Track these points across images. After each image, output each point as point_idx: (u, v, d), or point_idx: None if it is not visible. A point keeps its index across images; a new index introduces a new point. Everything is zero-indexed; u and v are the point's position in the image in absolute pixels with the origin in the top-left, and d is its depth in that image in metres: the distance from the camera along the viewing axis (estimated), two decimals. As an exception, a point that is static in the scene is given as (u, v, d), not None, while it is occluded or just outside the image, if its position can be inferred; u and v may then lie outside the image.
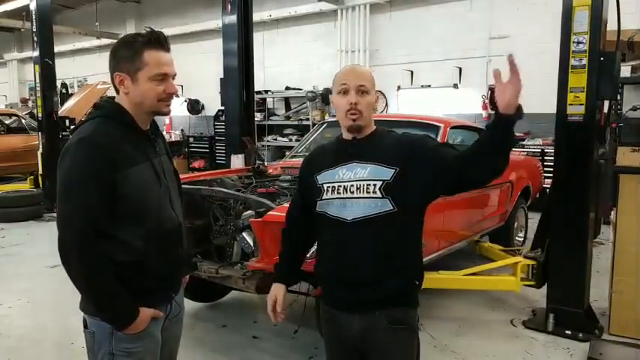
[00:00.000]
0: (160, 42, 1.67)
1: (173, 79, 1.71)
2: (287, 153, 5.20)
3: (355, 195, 1.77)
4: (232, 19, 5.67)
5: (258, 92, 10.03)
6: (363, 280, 1.79)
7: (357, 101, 1.77)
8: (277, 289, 2.00)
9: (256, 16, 6.40)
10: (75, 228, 1.58)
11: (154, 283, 1.73)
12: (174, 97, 1.75)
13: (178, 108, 12.55)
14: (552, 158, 4.19)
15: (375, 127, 1.90)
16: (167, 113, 1.75)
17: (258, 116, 10.32)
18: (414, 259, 1.87)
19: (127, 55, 1.65)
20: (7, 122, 10.26)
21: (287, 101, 11.29)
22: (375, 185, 1.75)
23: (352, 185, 1.78)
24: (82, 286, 1.64)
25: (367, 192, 1.76)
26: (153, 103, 1.69)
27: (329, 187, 1.82)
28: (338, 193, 1.80)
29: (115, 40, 1.76)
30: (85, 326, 1.74)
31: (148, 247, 1.68)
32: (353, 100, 1.77)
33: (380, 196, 1.75)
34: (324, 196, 1.83)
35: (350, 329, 1.84)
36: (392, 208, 1.75)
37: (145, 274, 1.69)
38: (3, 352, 3.48)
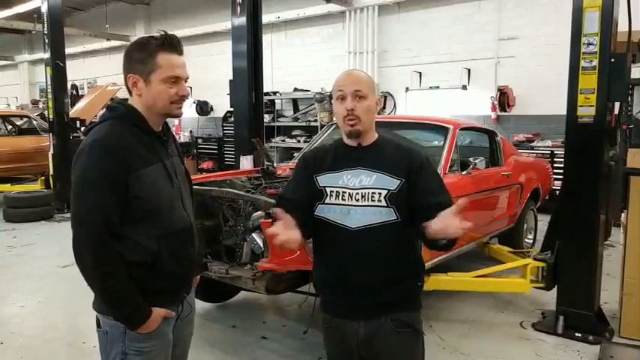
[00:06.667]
0: (173, 45, 1.69)
1: (185, 81, 1.73)
2: (295, 154, 5.22)
3: (360, 203, 1.77)
4: (241, 21, 5.69)
5: (267, 94, 10.04)
6: (366, 287, 1.80)
7: (353, 107, 1.76)
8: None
9: (264, 18, 6.41)
10: (89, 228, 1.60)
11: (166, 283, 1.75)
12: (186, 100, 1.77)
13: (187, 109, 12.61)
14: (562, 160, 4.17)
15: (377, 134, 1.89)
16: (179, 115, 1.77)
17: (266, 118, 10.34)
18: (415, 264, 1.91)
19: (140, 58, 1.67)
20: (18, 123, 10.34)
21: (295, 103, 11.31)
22: (380, 194, 1.76)
23: (357, 193, 1.78)
24: (95, 286, 1.66)
25: (372, 200, 1.76)
26: (165, 105, 1.71)
27: (332, 191, 1.81)
28: (342, 199, 1.79)
29: (125, 42, 1.79)
30: (98, 325, 1.76)
31: (160, 247, 1.69)
32: (349, 106, 1.77)
33: (385, 205, 1.76)
34: (327, 201, 1.81)
35: (355, 336, 1.84)
36: (395, 217, 1.76)
37: (157, 274, 1.70)
38: (15, 351, 3.51)
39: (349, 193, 1.79)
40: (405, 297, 1.86)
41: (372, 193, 1.77)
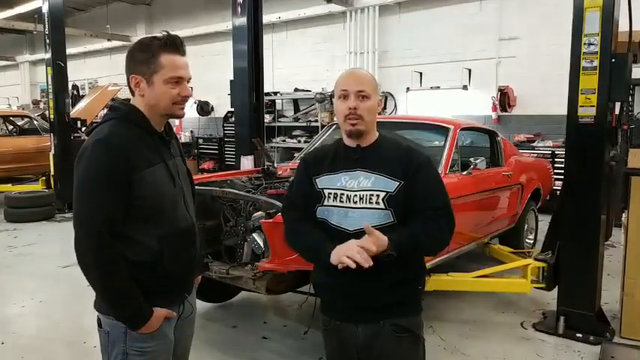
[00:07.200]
0: (175, 45, 1.69)
1: (188, 82, 1.73)
2: (296, 155, 5.22)
3: (358, 205, 1.75)
4: (242, 21, 5.70)
5: (267, 94, 10.04)
6: (365, 290, 1.77)
7: (356, 106, 1.75)
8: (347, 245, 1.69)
9: (265, 18, 6.41)
10: (89, 228, 1.60)
11: (168, 283, 1.75)
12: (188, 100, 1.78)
13: (188, 109, 12.52)
14: (563, 160, 4.17)
15: (377, 133, 1.87)
16: (181, 116, 1.78)
17: (267, 118, 10.34)
18: (415, 267, 1.87)
19: (143, 58, 1.67)
20: (19, 124, 10.35)
21: (296, 103, 11.31)
22: (378, 196, 1.74)
23: (355, 195, 1.76)
24: (96, 286, 1.66)
25: (370, 202, 1.74)
26: (167, 105, 1.71)
27: (330, 193, 1.79)
28: (340, 201, 1.77)
29: (126, 43, 1.79)
30: (100, 325, 1.77)
31: (162, 247, 1.69)
32: (352, 105, 1.75)
33: (383, 207, 1.74)
34: (325, 203, 1.80)
35: (354, 339, 1.83)
36: (393, 220, 1.74)
37: (158, 274, 1.70)
38: (16, 351, 3.52)
39: (347, 195, 1.77)
40: (405, 301, 1.84)
41: (371, 195, 1.75)
